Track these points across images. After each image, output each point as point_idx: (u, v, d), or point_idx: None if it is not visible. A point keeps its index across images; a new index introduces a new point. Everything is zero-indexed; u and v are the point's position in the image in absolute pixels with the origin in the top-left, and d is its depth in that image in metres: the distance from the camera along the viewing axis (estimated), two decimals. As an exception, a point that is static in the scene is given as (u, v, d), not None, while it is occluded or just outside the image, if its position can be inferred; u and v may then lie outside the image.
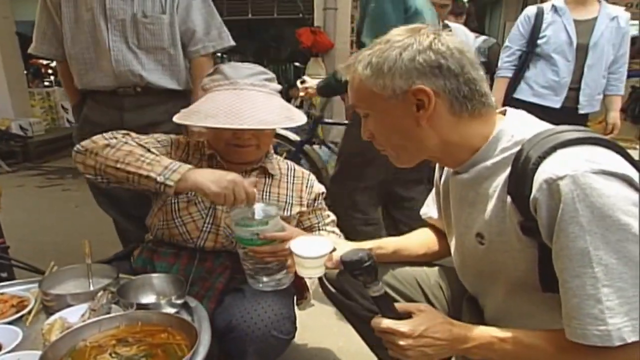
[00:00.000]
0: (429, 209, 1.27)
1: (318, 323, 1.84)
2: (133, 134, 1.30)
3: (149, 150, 1.21)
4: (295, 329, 1.23)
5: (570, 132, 0.81)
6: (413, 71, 0.86)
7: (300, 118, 1.32)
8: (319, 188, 1.49)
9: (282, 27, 11.86)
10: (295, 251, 1.08)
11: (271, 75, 1.34)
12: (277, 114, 1.27)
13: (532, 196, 0.77)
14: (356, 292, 1.21)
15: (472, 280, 1.06)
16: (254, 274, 1.21)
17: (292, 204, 1.42)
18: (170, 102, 1.92)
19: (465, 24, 3.47)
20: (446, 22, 2.99)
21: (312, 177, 1.50)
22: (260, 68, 1.34)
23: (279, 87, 1.36)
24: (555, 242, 0.76)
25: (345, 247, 1.16)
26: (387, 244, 1.25)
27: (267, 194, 1.40)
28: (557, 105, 2.63)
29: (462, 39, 2.74)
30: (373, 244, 1.23)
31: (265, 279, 1.21)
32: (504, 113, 0.97)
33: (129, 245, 1.99)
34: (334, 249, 1.13)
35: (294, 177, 1.46)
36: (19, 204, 2.38)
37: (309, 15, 5.69)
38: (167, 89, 1.89)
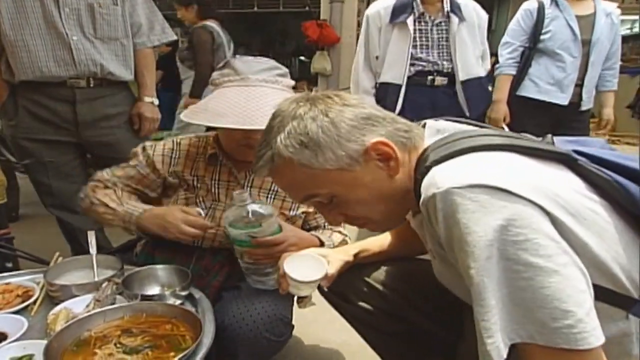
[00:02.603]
0: None
1: (321, 318, 1.83)
2: (103, 178, 1.38)
3: (106, 205, 1.30)
4: (291, 330, 1.22)
5: (459, 140, 0.77)
6: (353, 130, 0.79)
7: None
8: None
9: (288, 21, 11.81)
10: (291, 275, 1.04)
11: (284, 70, 1.30)
12: None
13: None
14: (355, 295, 1.19)
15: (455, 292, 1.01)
16: (250, 273, 1.21)
17: (299, 204, 1.39)
18: (119, 95, 1.95)
19: (199, 15, 3.32)
20: None
21: None
22: (273, 63, 1.29)
23: (292, 82, 1.32)
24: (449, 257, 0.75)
25: (336, 260, 1.12)
26: (372, 245, 1.23)
27: (273, 192, 1.38)
28: (565, 102, 2.59)
29: (473, 16, 2.41)
30: (359, 247, 1.21)
31: (263, 278, 1.20)
32: (423, 126, 0.92)
33: (75, 243, 2.02)
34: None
35: None
36: (25, 195, 2.39)
37: (315, 9, 5.67)
38: (119, 81, 1.91)
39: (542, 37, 2.57)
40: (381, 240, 1.25)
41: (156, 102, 2.03)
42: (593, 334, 0.63)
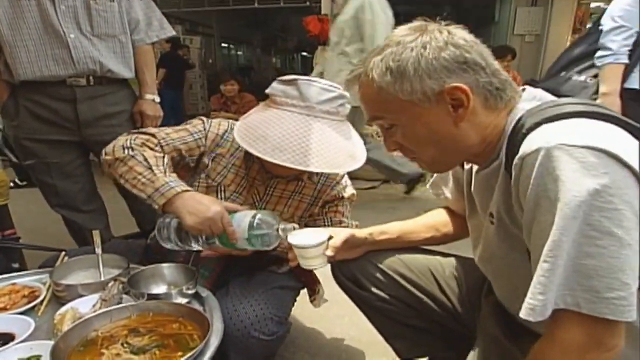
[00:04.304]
0: (442, 189, 1.21)
1: (329, 313, 1.83)
2: (159, 136, 1.27)
3: (150, 168, 1.17)
4: (285, 328, 1.21)
5: (570, 104, 0.77)
6: (441, 69, 0.79)
7: (362, 154, 1.25)
8: (340, 192, 1.40)
9: (289, 16, 11.80)
10: (291, 242, 1.07)
11: (346, 98, 1.23)
12: (343, 152, 1.19)
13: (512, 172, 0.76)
14: (369, 281, 1.19)
15: (489, 269, 1.02)
16: (178, 238, 1.19)
17: (311, 204, 1.38)
18: (119, 93, 1.94)
19: None
20: None
21: (344, 179, 1.43)
22: (339, 92, 1.21)
23: (348, 109, 1.26)
24: (524, 217, 0.74)
25: (343, 234, 1.15)
26: (391, 228, 1.22)
27: (294, 194, 1.36)
28: None
29: None
30: (375, 229, 1.21)
31: (180, 242, 1.20)
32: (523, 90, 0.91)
33: (82, 240, 2.01)
34: (331, 237, 1.12)
35: (327, 177, 1.39)
36: (30, 195, 2.40)
37: (316, 4, 5.64)
38: (119, 79, 1.90)
39: None
40: (400, 226, 1.24)
41: (157, 99, 2.02)
42: (634, 309, 0.66)
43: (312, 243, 1.07)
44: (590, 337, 0.68)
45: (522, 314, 0.71)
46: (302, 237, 1.09)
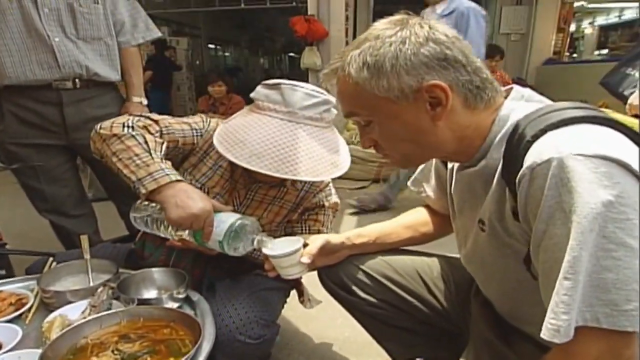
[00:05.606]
0: (423, 186, 1.19)
1: (323, 314, 1.82)
2: (161, 124, 1.23)
3: (148, 151, 1.12)
4: (273, 331, 1.20)
5: (570, 109, 0.74)
6: (420, 66, 0.76)
7: (346, 162, 1.22)
8: (322, 200, 1.38)
9: (276, 17, 11.78)
10: (265, 252, 1.06)
11: (332, 103, 1.20)
12: (325, 159, 1.16)
13: (517, 182, 0.72)
14: (357, 286, 1.18)
15: (478, 272, 1.01)
16: (152, 221, 1.15)
17: (292, 211, 1.37)
18: (106, 96, 1.92)
19: None
20: None
21: (328, 188, 1.40)
22: (323, 97, 1.18)
23: (334, 114, 1.23)
24: (535, 229, 0.70)
25: (318, 240, 1.12)
26: (369, 231, 1.21)
27: (275, 200, 1.34)
28: None
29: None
30: (352, 232, 1.19)
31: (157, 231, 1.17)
32: (508, 92, 0.89)
33: (71, 245, 1.98)
34: (306, 244, 1.10)
35: (311, 185, 1.37)
36: (16, 201, 2.36)
37: (302, 4, 5.63)
38: (105, 82, 1.88)
39: None
40: (378, 228, 1.23)
41: (145, 101, 2.00)
42: None
43: (285, 252, 1.05)
44: (609, 350, 0.66)
45: (545, 336, 0.67)
46: (276, 247, 1.07)
